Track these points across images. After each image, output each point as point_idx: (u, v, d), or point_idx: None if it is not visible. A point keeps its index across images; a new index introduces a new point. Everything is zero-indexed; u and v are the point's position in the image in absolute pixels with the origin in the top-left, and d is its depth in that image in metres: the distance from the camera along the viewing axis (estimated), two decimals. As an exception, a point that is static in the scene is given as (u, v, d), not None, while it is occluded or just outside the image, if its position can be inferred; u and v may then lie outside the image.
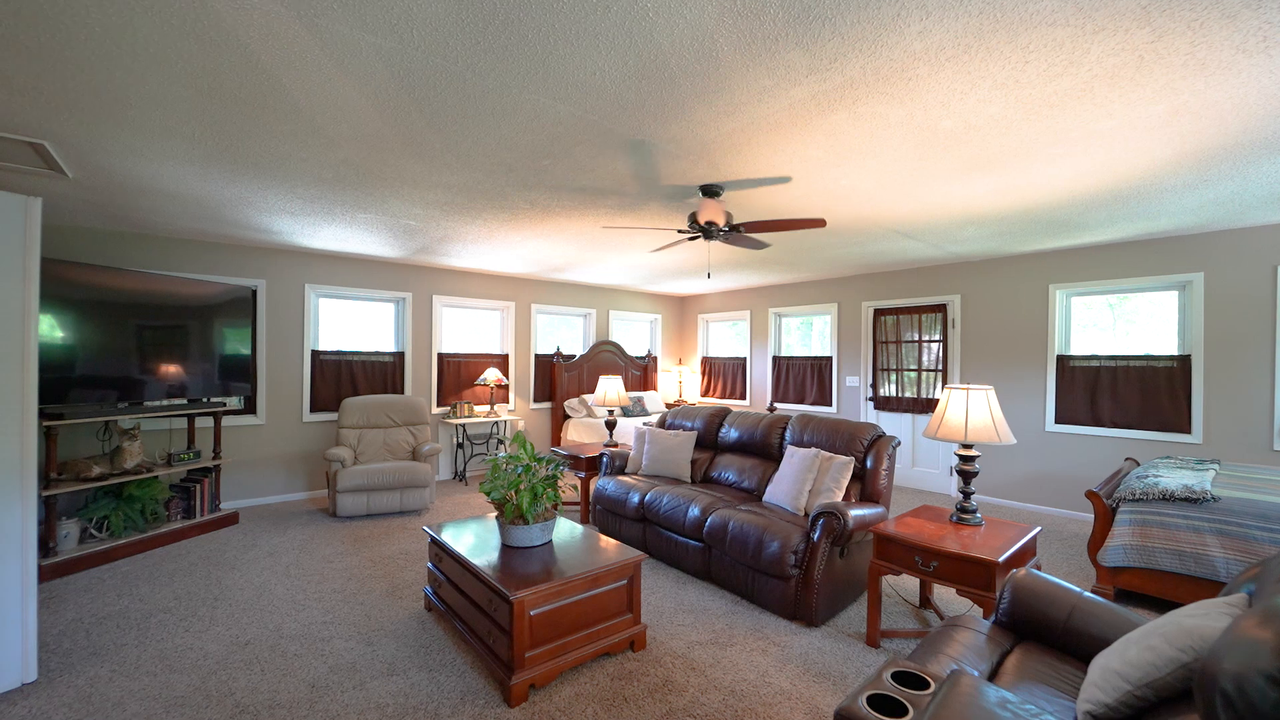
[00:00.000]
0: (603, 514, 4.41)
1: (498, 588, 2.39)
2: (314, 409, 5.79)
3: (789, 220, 3.28)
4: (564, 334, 7.93)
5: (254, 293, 5.43)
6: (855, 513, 3.05)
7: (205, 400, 4.76)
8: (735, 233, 3.47)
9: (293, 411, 5.65)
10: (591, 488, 5.22)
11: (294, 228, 4.63)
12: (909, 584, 3.60)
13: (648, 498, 3.97)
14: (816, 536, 3.01)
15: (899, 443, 3.55)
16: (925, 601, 3.26)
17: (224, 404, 4.82)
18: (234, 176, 3.37)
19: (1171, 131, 2.62)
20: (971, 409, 2.80)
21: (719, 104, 2.37)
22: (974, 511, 2.91)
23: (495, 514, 3.12)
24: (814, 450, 3.48)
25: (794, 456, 3.60)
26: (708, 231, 3.42)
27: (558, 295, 7.66)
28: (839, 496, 3.32)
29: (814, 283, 7.36)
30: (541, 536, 2.87)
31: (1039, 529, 2.85)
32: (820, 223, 3.35)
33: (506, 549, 2.84)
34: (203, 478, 4.64)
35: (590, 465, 4.88)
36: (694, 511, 3.61)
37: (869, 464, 3.48)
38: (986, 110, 2.41)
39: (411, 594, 3.41)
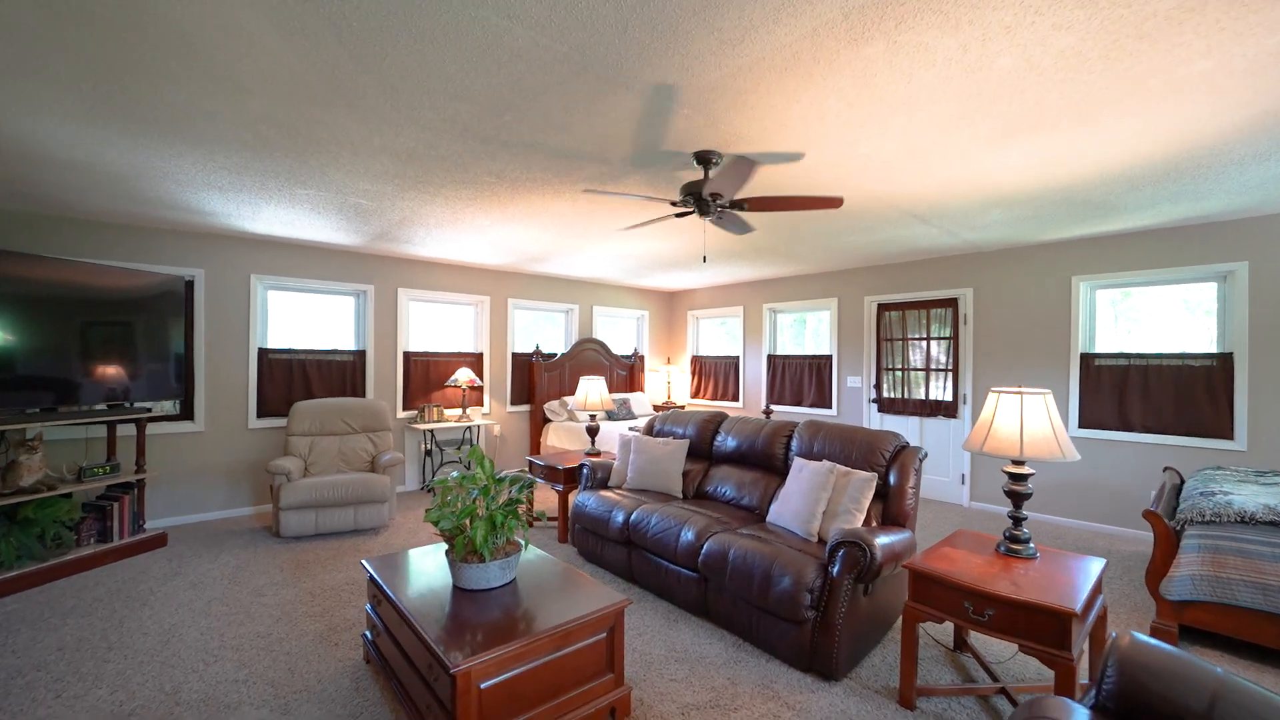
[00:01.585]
0: (583, 534, 3.87)
1: (437, 653, 1.84)
2: (261, 414, 5.18)
3: (802, 198, 2.75)
4: (545, 331, 7.38)
5: (189, 284, 4.82)
6: (882, 541, 2.54)
7: (128, 405, 4.15)
8: (736, 209, 2.94)
9: (236, 417, 5.05)
10: (571, 502, 4.68)
11: (229, 208, 4.04)
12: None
13: (633, 517, 3.44)
14: (836, 571, 2.49)
15: (925, 454, 3.05)
16: (961, 644, 2.76)
17: (149, 409, 4.21)
18: (136, 139, 2.78)
19: (1273, 79, 2.14)
20: (1028, 418, 2.30)
21: (724, 28, 1.84)
22: (1026, 541, 2.41)
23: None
24: (828, 465, 2.97)
25: (803, 471, 3.09)
26: (703, 205, 2.89)
27: (537, 289, 7.10)
28: (859, 520, 2.81)
29: (812, 276, 6.87)
30: (501, 576, 2.32)
31: (1105, 562, 2.36)
32: (837, 202, 2.84)
33: (459, 593, 2.29)
34: (122, 494, 4.03)
35: (569, 477, 4.34)
36: (687, 535, 3.08)
37: (892, 480, 2.98)
38: (1059, 42, 1.91)
39: (350, 639, 2.85)
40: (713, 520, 3.19)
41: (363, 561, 2.64)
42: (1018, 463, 2.39)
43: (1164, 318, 4.62)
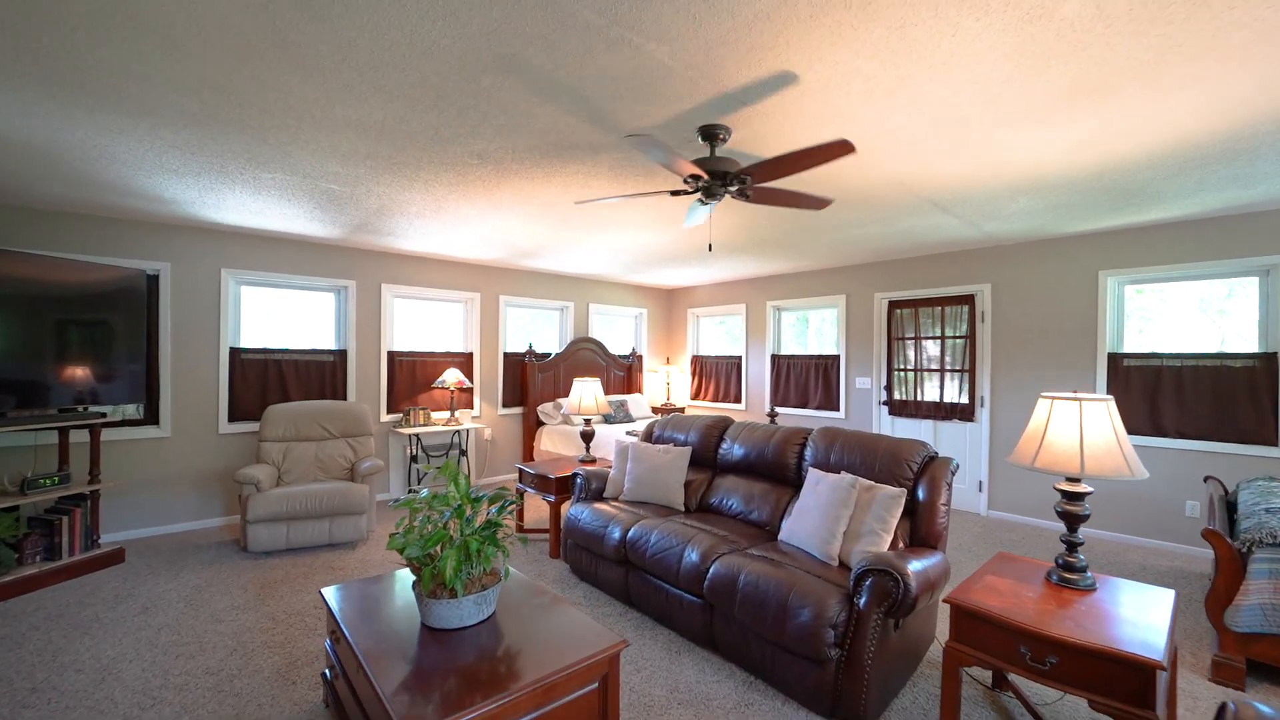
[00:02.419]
0: (575, 550, 3.54)
1: (392, 716, 1.52)
2: (234, 418, 4.85)
3: (812, 150, 2.38)
4: (540, 330, 7.05)
5: (152, 278, 4.48)
6: (915, 568, 2.22)
7: (81, 410, 3.82)
8: (744, 184, 2.61)
9: (206, 421, 4.71)
10: (564, 514, 4.36)
11: (191, 195, 3.70)
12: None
13: (631, 534, 3.12)
14: (864, 604, 2.17)
15: (957, 466, 2.73)
16: (1001, 681, 2.44)
17: (103, 414, 3.87)
18: (65, 107, 2.45)
19: (1380, 31, 1.83)
20: (1089, 429, 1.98)
21: (740, -41, 1.52)
22: (1083, 569, 2.09)
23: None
24: (849, 478, 2.65)
25: (820, 484, 2.77)
26: (710, 187, 2.57)
27: (530, 286, 6.77)
28: (885, 541, 2.48)
29: (819, 271, 6.55)
30: (476, 613, 1.99)
31: (1174, 593, 2.05)
32: (848, 148, 2.48)
33: (428, 633, 1.97)
34: (74, 507, 3.70)
35: (562, 487, 4.01)
36: (691, 556, 2.76)
37: (921, 495, 2.66)
38: (1142, -20, 1.59)
39: (310, 676, 2.52)
40: (719, 539, 2.87)
41: (321, 591, 2.31)
42: (1073, 480, 2.07)
43: (1198, 315, 4.30)
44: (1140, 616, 1.84)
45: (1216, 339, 4.22)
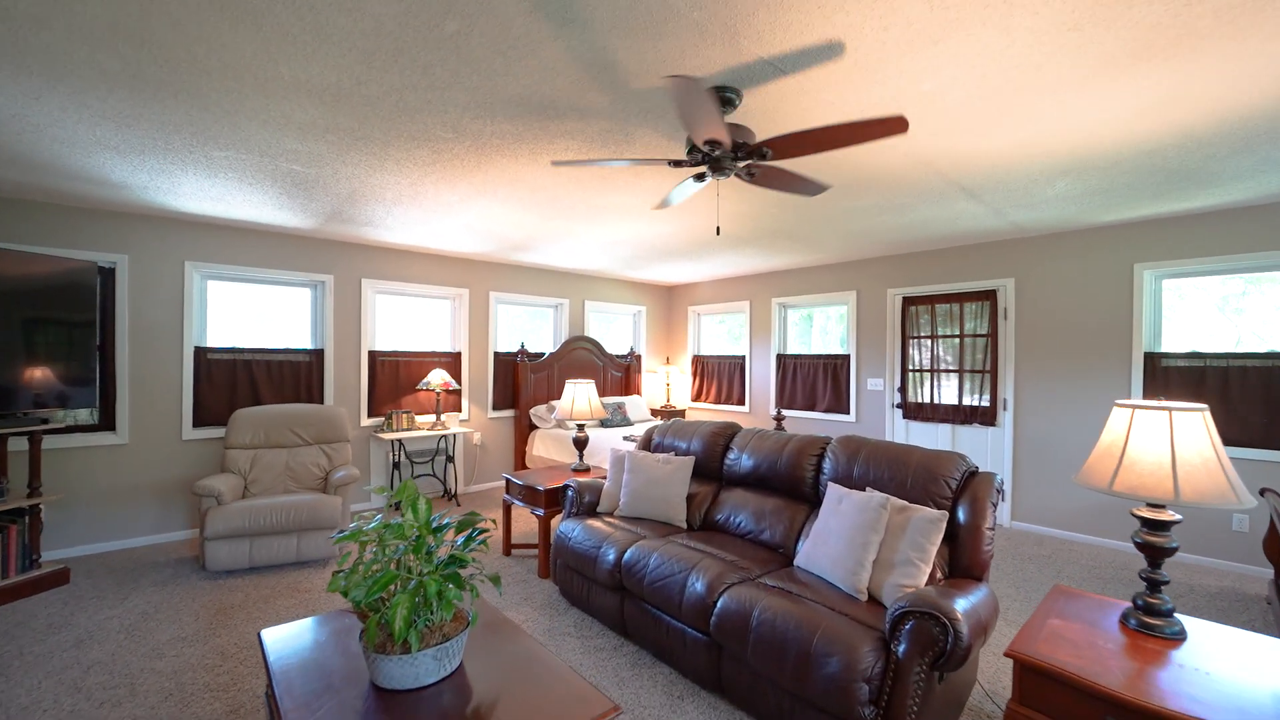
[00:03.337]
0: (566, 571, 3.18)
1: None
2: (200, 422, 4.48)
3: (859, 125, 2.03)
4: (532, 329, 6.69)
5: (107, 272, 4.12)
6: (963, 606, 1.86)
7: (20, 415, 3.45)
8: (759, 160, 2.25)
9: (168, 427, 4.34)
10: (555, 530, 4.01)
11: (140, 177, 3.34)
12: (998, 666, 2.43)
13: (628, 557, 2.76)
14: (904, 652, 1.82)
15: (1002, 483, 2.38)
16: None
17: (43, 420, 3.51)
18: (-38, 66, 2.09)
19: None
20: (1181, 445, 1.62)
21: None
22: (1169, 612, 1.74)
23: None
24: (878, 497, 2.29)
25: (843, 503, 2.41)
26: (721, 159, 2.21)
27: (522, 281, 6.40)
28: (924, 573, 2.13)
29: (828, 266, 6.19)
30: (436, 670, 1.64)
31: (1282, 643, 1.69)
32: (902, 125, 2.13)
33: (378, 694, 1.61)
34: (9, 524, 3.33)
35: (552, 499, 3.65)
36: (696, 586, 2.40)
37: (961, 516, 2.30)
38: None
39: (252, 730, 2.17)
40: (727, 565, 2.51)
41: (261, 635, 1.95)
42: (1156, 506, 1.72)
43: (1247, 312, 3.95)
44: (1259, 678, 1.49)
45: (1267, 338, 3.86)
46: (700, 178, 2.37)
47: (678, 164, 2.38)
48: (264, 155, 2.99)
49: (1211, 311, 4.06)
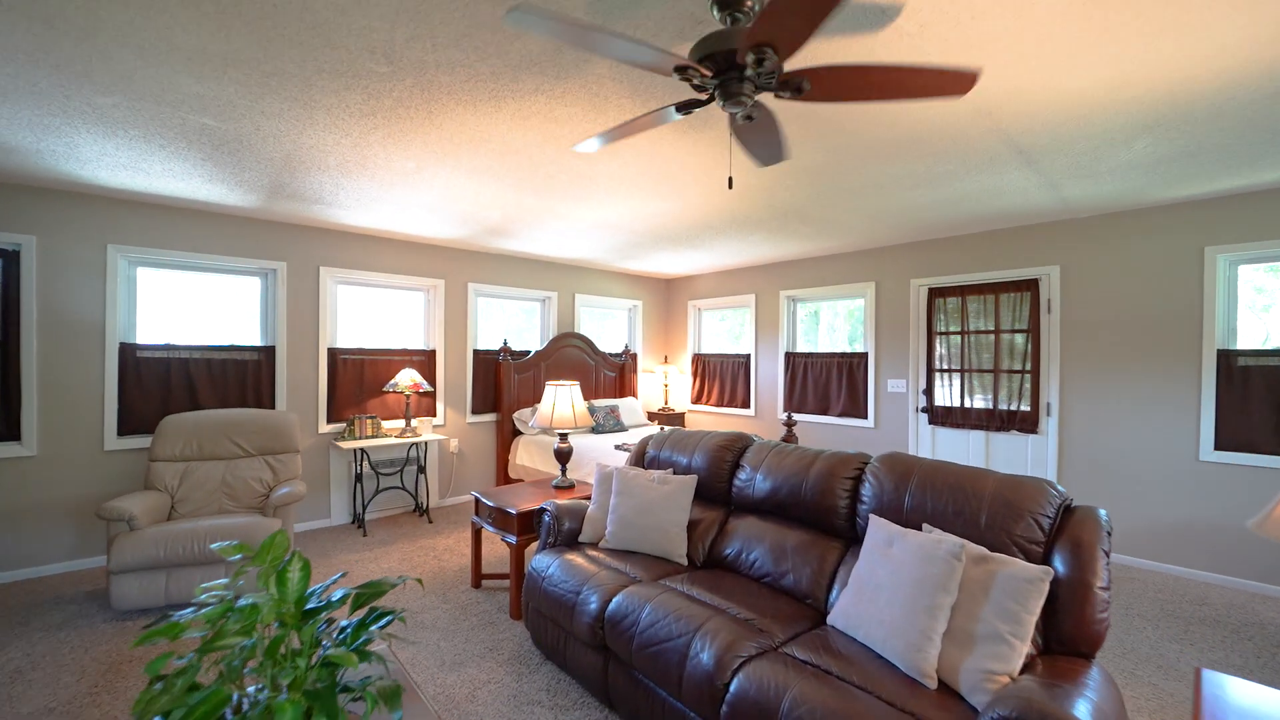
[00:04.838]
0: (538, 618, 2.58)
1: None
2: (126, 430, 3.89)
3: (922, 71, 1.46)
4: (518, 325, 6.09)
5: (10, 255, 3.52)
6: (1083, 712, 1.27)
7: (-115, 425, 2.86)
8: (791, 90, 1.66)
9: (87, 436, 3.75)
10: (529, 562, 3.43)
11: (25, 137, 2.74)
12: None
13: (613, 608, 2.17)
14: (1013, 790, 1.23)
15: (1109, 521, 1.79)
16: None
17: (-88, 432, 2.92)
18: None
19: None
20: None
21: None
22: None
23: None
24: (949, 542, 1.69)
25: (895, 547, 1.82)
26: (732, 89, 1.61)
27: (504, 272, 5.81)
28: (1020, 653, 1.53)
29: (844, 255, 5.60)
30: (296, 844, 1.04)
31: None
32: (969, 81, 1.55)
33: None
34: None
35: (525, 524, 3.06)
36: (702, 656, 1.81)
37: (1060, 568, 1.71)
38: None
39: None
40: (741, 627, 1.92)
41: (78, 749, 1.35)
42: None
43: (1344, 301, 3.37)
44: None
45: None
46: (687, 108, 1.77)
47: (684, 109, 1.78)
48: (160, 103, 2.39)
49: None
